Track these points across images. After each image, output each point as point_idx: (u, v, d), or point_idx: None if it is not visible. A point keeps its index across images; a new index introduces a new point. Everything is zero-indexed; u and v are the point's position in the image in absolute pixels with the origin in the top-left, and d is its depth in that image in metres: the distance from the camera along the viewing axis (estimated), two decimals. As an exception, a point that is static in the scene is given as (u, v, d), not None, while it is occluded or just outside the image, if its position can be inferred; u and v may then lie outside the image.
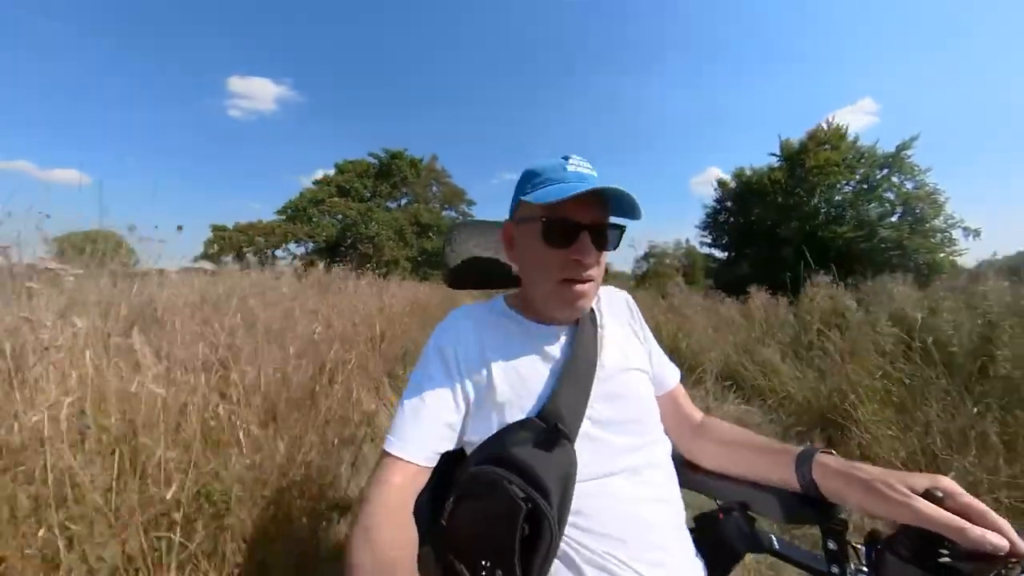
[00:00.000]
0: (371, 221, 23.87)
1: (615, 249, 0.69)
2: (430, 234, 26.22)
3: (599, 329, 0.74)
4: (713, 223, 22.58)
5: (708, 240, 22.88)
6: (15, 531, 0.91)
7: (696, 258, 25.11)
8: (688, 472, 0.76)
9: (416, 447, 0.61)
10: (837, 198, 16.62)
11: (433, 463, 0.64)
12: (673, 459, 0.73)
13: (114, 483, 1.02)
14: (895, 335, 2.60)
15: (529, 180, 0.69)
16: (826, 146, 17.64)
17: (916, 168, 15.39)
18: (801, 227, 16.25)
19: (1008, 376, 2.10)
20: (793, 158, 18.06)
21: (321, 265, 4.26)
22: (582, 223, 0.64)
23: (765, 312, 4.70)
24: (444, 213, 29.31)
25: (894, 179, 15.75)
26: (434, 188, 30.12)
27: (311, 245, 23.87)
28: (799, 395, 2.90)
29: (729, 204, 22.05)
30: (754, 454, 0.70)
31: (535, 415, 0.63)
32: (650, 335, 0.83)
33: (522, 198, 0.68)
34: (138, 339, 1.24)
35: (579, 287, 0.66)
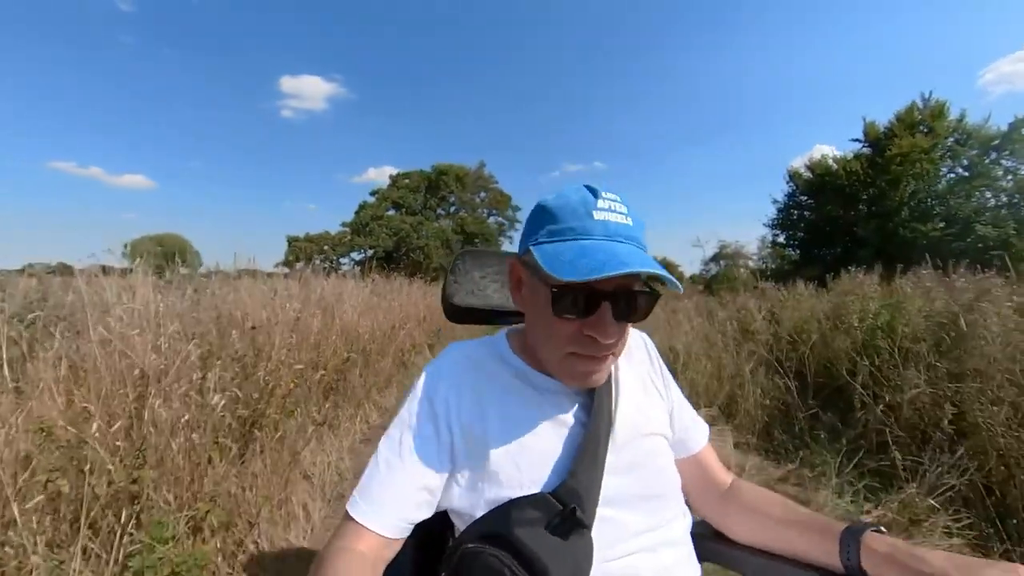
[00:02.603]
0: (421, 233, 27.66)
1: (644, 319, 0.57)
2: (475, 241, 28.71)
3: (614, 384, 0.64)
4: (785, 220, 21.52)
5: (780, 239, 21.79)
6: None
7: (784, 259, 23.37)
8: (714, 544, 0.68)
9: (386, 515, 0.54)
10: (922, 190, 15.12)
11: (405, 534, 0.56)
12: (698, 528, 0.66)
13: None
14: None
15: (543, 223, 0.56)
16: (922, 127, 16.16)
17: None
18: (881, 225, 15.17)
19: None
20: (879, 143, 16.67)
21: (376, 273, 6.27)
22: (603, 291, 0.52)
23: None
24: (490, 219, 32.05)
25: (1005, 163, 14.06)
26: (481, 195, 32.36)
27: (370, 252, 27.68)
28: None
29: (803, 198, 20.90)
30: (791, 528, 0.61)
31: (546, 492, 0.54)
32: (673, 385, 0.73)
33: (531, 247, 0.56)
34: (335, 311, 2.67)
35: (593, 364, 0.55)
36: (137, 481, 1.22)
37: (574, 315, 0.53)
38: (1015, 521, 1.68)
